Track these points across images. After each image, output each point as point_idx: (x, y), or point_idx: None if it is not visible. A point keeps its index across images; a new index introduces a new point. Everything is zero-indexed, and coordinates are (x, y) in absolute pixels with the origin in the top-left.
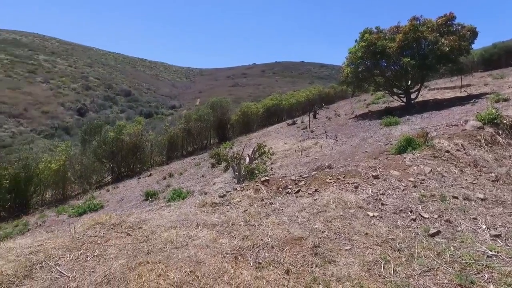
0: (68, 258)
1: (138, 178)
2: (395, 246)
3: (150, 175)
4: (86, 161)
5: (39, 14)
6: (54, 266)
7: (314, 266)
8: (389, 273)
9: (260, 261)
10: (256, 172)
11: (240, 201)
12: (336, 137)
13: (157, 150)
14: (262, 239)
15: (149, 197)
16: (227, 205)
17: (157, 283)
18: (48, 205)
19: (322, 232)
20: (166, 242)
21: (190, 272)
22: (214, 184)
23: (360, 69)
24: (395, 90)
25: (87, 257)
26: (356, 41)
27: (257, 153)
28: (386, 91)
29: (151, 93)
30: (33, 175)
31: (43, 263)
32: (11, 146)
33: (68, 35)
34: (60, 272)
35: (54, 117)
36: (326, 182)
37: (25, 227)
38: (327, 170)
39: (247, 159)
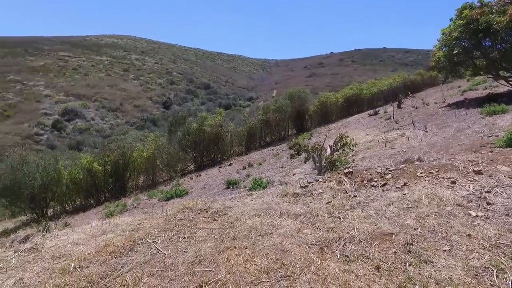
0: (163, 237)
1: (219, 167)
2: (510, 253)
3: (230, 164)
4: (172, 150)
5: (132, 18)
6: (152, 243)
7: (407, 264)
8: (506, 284)
9: (347, 254)
10: (338, 163)
11: (323, 192)
12: (426, 128)
13: (237, 141)
14: (348, 232)
15: (231, 186)
16: (309, 196)
17: (245, 267)
18: (141, 190)
19: (415, 229)
20: (250, 229)
21: (277, 259)
22: (293, 174)
23: (455, 52)
24: (501, 73)
25: (179, 238)
26: (451, 19)
27: (339, 144)
28: (489, 75)
29: (229, 86)
30: (128, 162)
31: (143, 239)
32: (111, 136)
33: (155, 35)
34: (158, 249)
35: (143, 110)
36: (417, 176)
37: (124, 207)
38: (417, 163)
39: (328, 150)
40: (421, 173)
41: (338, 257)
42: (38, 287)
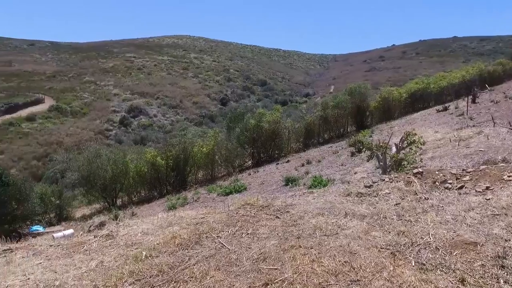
0: (227, 232)
1: (277, 164)
2: None
3: (288, 161)
4: (230, 146)
5: (190, 18)
6: (216, 237)
7: (502, 282)
8: None
9: (423, 262)
10: (405, 163)
11: (389, 193)
12: (511, 125)
13: (294, 137)
14: (421, 238)
15: (289, 183)
16: (375, 196)
17: (312, 268)
18: (200, 184)
19: (506, 240)
20: (315, 229)
21: (345, 262)
22: (355, 173)
23: None
24: None
25: (242, 234)
26: None
27: (406, 142)
28: None
29: (286, 82)
30: (189, 157)
31: (208, 233)
32: (171, 132)
33: (212, 34)
34: (222, 244)
35: (202, 107)
36: (503, 179)
37: (185, 201)
38: (502, 165)
39: (393, 149)
40: (509, 176)
41: (413, 264)
42: (115, 270)
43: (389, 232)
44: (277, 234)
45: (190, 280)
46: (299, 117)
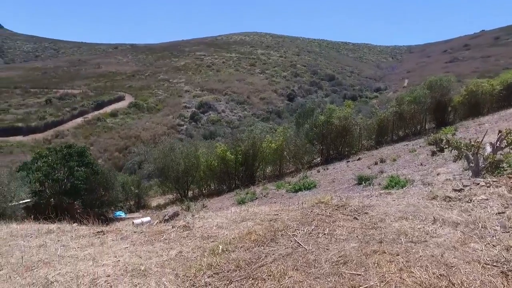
0: (302, 231)
1: (347, 162)
2: None
3: (359, 159)
4: (299, 143)
5: (257, 14)
6: (291, 236)
7: None
8: None
9: None
10: (504, 165)
11: (487, 199)
12: None
13: (366, 134)
14: None
15: (363, 182)
16: (468, 202)
17: (400, 277)
18: (268, 179)
19: None
20: (398, 234)
21: (441, 275)
22: (438, 174)
23: None
24: None
25: (318, 234)
26: None
27: (505, 141)
28: None
29: (355, 76)
30: (258, 152)
31: (283, 231)
32: (239, 128)
33: (279, 29)
34: (298, 243)
35: (269, 102)
36: None
37: (253, 196)
38: None
39: (488, 148)
40: None
41: None
42: (194, 262)
43: (494, 246)
44: (357, 236)
45: (268, 278)
46: (370, 113)
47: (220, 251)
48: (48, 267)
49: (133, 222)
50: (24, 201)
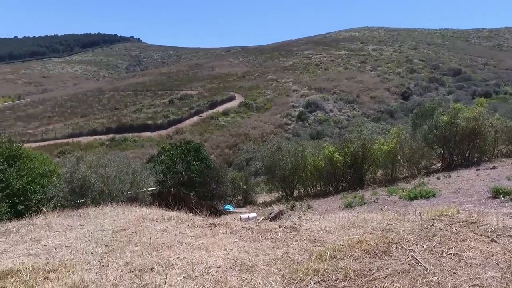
0: (421, 247)
1: (477, 170)
2: None
3: (494, 167)
4: (415, 145)
5: (368, 8)
6: (408, 250)
7: None
8: None
9: None
10: None
11: None
12: None
13: (505, 138)
14: None
15: (500, 195)
16: None
17: None
18: (378, 184)
19: None
20: None
21: None
22: None
23: None
24: None
25: (442, 253)
26: None
27: None
28: None
29: (490, 69)
30: (367, 154)
31: (398, 244)
32: (347, 128)
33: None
34: (417, 259)
35: (380, 101)
36: None
37: (362, 200)
38: None
39: None
40: None
41: None
42: (300, 265)
43: None
44: (497, 264)
45: None
46: (510, 112)
47: (327, 257)
48: (169, 250)
49: (240, 217)
50: (151, 189)
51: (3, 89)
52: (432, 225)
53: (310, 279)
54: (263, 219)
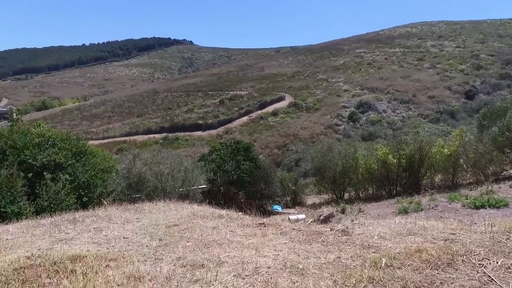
0: (494, 262)
1: None
2: None
3: None
4: (482, 149)
5: (425, 1)
6: (478, 265)
7: None
8: None
9: None
10: None
11: None
12: None
13: None
14: None
15: None
16: None
17: None
18: (437, 189)
19: None
20: None
21: None
22: None
23: None
24: None
25: None
26: None
27: None
28: None
29: None
30: (425, 157)
31: (464, 257)
32: (401, 129)
33: (455, 15)
34: (489, 276)
35: (439, 101)
36: None
37: (418, 206)
38: None
39: None
40: None
41: None
42: (353, 271)
43: None
44: None
45: None
46: None
47: (383, 265)
48: (220, 248)
49: (289, 218)
50: (201, 187)
51: (72, 91)
52: (508, 239)
53: (364, 286)
54: (312, 221)
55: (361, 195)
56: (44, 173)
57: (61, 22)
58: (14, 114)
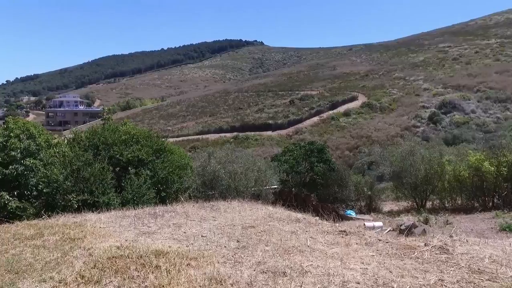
0: None
1: None
2: None
3: None
4: None
5: None
6: None
7: None
8: None
9: None
10: None
11: None
12: None
13: None
14: None
15: None
16: None
17: None
18: None
19: None
20: None
21: None
22: None
23: None
24: None
25: None
26: None
27: None
28: None
29: None
30: None
31: None
32: (495, 132)
33: None
34: None
35: None
36: None
37: None
38: None
39: None
40: None
41: None
42: None
43: None
44: None
45: None
46: None
47: None
48: (301, 256)
49: (364, 224)
50: (273, 187)
51: (151, 93)
52: None
53: None
54: (390, 230)
55: (447, 205)
56: (129, 168)
57: (143, 29)
58: (105, 114)
